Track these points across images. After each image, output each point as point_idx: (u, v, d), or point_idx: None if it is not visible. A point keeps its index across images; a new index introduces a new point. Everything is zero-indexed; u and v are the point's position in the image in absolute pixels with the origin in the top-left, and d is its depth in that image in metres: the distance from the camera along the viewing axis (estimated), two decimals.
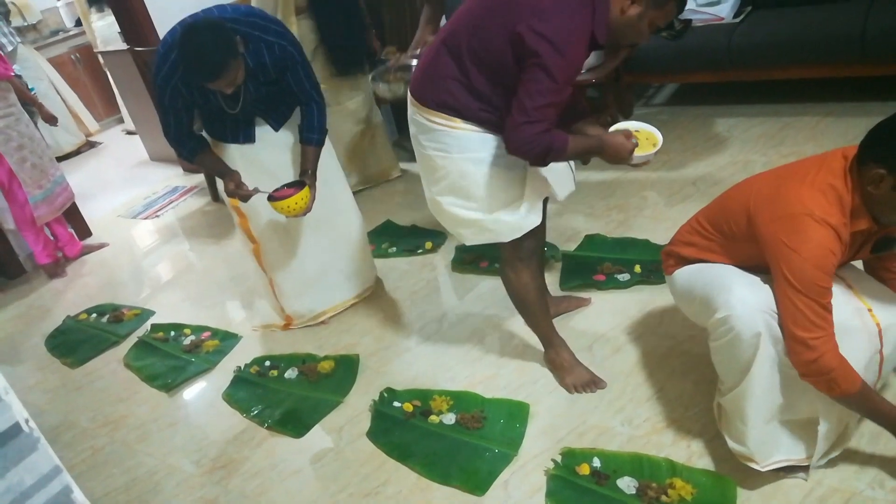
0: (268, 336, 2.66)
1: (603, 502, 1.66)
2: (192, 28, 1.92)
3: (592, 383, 2.03)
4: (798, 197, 1.38)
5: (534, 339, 2.26)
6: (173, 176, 4.80)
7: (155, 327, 2.89)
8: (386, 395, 2.17)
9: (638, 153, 1.76)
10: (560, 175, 1.93)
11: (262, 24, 2.08)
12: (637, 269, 2.48)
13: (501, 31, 1.60)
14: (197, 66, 1.93)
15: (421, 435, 2.00)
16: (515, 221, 1.84)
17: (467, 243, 1.97)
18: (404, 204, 3.47)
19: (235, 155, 2.31)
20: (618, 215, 2.91)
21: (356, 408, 2.18)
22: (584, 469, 1.75)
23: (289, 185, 2.22)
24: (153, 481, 2.10)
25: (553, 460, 1.80)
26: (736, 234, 1.54)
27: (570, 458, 1.80)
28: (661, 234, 2.66)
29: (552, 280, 2.56)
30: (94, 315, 3.12)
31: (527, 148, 1.63)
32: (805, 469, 1.61)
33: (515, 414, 1.99)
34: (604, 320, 2.30)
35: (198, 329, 2.79)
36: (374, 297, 2.74)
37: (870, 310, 1.49)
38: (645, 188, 3.06)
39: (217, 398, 2.38)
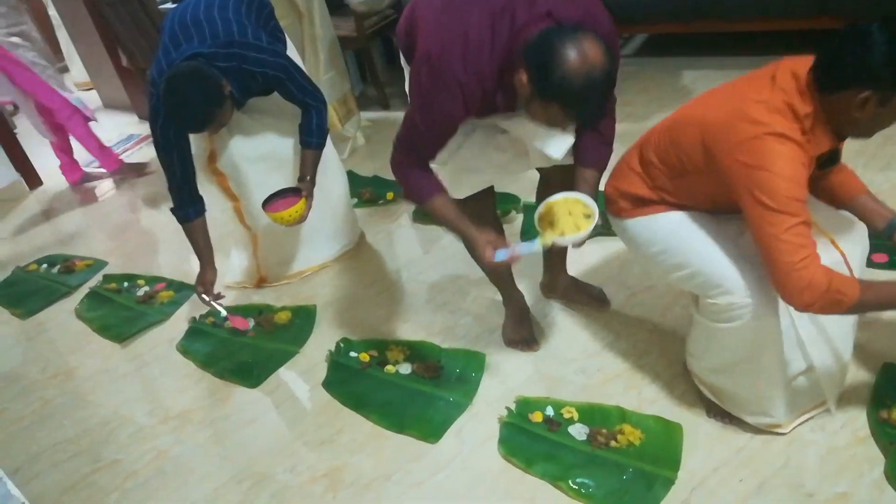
0: (224, 288, 2.60)
1: (553, 448, 1.68)
2: (175, 81, 1.85)
3: (526, 343, 2.01)
4: (755, 119, 1.29)
5: (493, 289, 2.26)
6: (128, 123, 4.63)
7: (107, 278, 2.81)
8: (342, 345, 2.15)
9: (554, 238, 1.53)
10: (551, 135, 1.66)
11: (241, 54, 1.99)
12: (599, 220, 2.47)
13: None
14: (184, 120, 1.92)
15: (377, 385, 1.99)
16: (466, 181, 1.78)
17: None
18: (365, 153, 3.40)
19: None
20: None
21: (312, 358, 2.16)
22: (537, 416, 1.76)
23: (285, 191, 2.14)
24: (105, 432, 2.07)
25: (507, 408, 1.81)
26: (690, 170, 1.44)
27: (524, 406, 1.81)
28: None
29: (515, 232, 2.55)
30: (45, 266, 3.03)
31: (398, 178, 1.63)
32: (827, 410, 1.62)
33: (471, 363, 2.00)
34: None
35: (152, 280, 2.72)
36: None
37: (832, 240, 1.46)
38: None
39: (171, 349, 2.34)
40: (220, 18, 2.02)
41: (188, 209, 2.14)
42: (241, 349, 2.25)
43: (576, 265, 2.28)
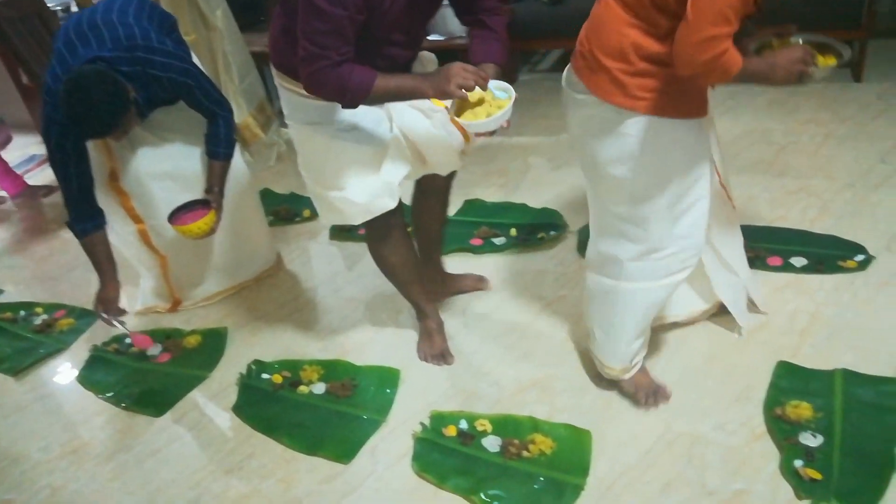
0: (131, 313, 2.49)
1: (467, 462, 1.67)
2: (76, 83, 1.74)
3: (441, 357, 2.00)
4: None
5: (406, 305, 2.24)
6: (30, 143, 4.40)
7: (2, 307, 2.64)
8: (254, 367, 2.09)
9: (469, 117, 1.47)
10: (436, 146, 1.69)
11: (146, 59, 1.89)
12: (513, 232, 2.50)
13: None
14: (87, 123, 1.79)
15: (289, 406, 1.94)
16: (365, 202, 1.68)
17: (323, 221, 1.84)
18: (280, 171, 3.34)
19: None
20: (498, 179, 2.93)
21: (222, 382, 2.08)
22: (451, 431, 1.75)
23: (192, 204, 2.06)
24: None
25: (421, 424, 1.79)
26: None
27: (438, 420, 1.79)
28: (539, 198, 2.70)
29: None
30: None
31: (315, 86, 1.43)
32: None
33: (386, 380, 1.97)
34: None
35: (51, 307, 2.57)
36: None
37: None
38: (527, 153, 3.08)
39: (71, 380, 2.21)
40: (121, 23, 1.92)
41: (86, 223, 2.02)
42: (147, 376, 2.14)
43: (492, 278, 2.30)
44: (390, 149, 1.67)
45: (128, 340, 2.15)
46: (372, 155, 1.66)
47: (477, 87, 1.44)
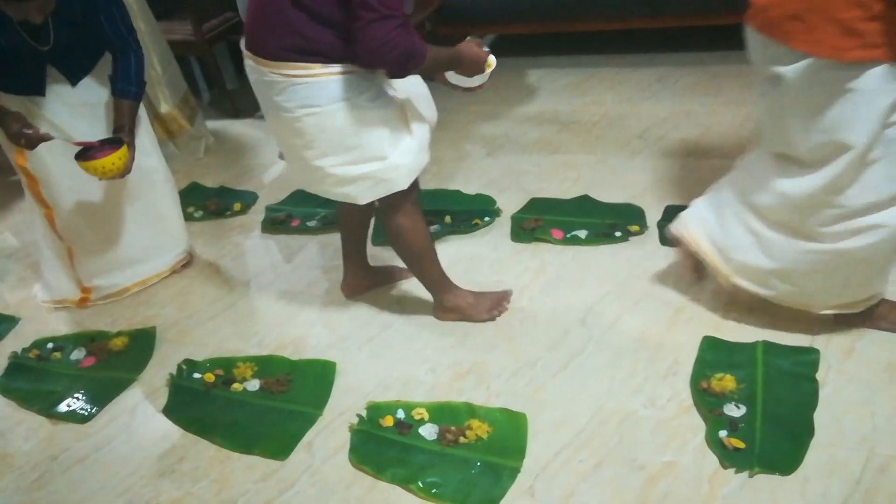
0: (53, 316, 2.38)
1: (404, 451, 1.67)
2: None
3: (503, 299, 2.03)
4: None
5: (342, 297, 2.22)
6: None
7: None
8: (185, 367, 2.03)
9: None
10: (426, 100, 1.77)
11: None
12: (447, 219, 2.50)
13: None
14: None
15: (222, 405, 1.89)
16: (411, 163, 1.72)
17: (361, 202, 1.77)
18: (209, 164, 3.24)
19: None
20: (432, 167, 2.88)
21: (152, 384, 2.02)
22: (388, 421, 1.74)
23: (102, 143, 1.91)
24: None
25: (358, 415, 1.78)
26: None
27: (375, 411, 1.79)
28: (473, 185, 2.70)
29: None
30: None
31: (382, 49, 1.44)
32: None
33: (322, 373, 1.95)
34: None
35: None
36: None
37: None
38: (462, 140, 3.08)
39: None
40: None
41: None
42: (72, 382, 2.06)
43: None
44: (408, 109, 1.71)
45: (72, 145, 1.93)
46: (399, 117, 1.70)
47: None
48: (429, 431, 1.71)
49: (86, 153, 1.88)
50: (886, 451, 1.49)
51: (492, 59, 1.74)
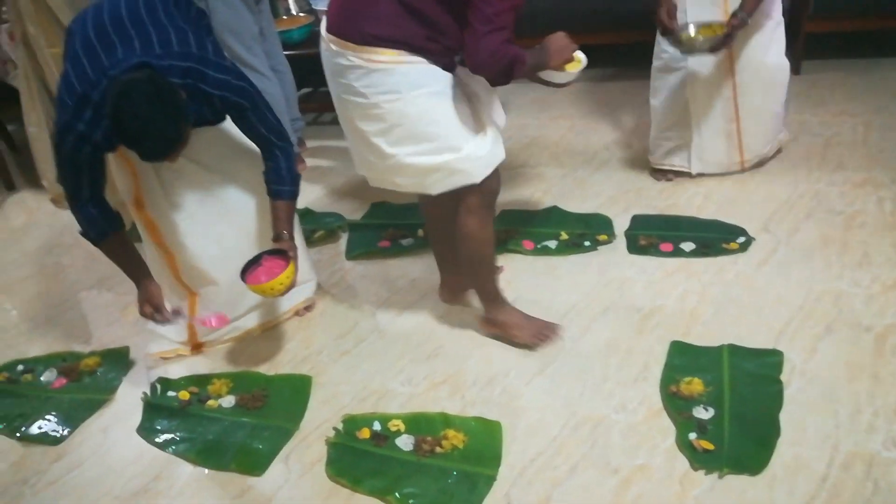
0: (22, 338, 2.35)
1: (381, 463, 1.67)
2: (129, 94, 1.48)
3: (551, 330, 1.94)
4: None
5: (317, 311, 2.23)
6: None
7: None
8: (159, 385, 2.02)
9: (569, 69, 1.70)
10: (494, 105, 1.79)
11: (200, 72, 1.63)
12: (420, 233, 2.52)
13: None
14: (143, 145, 1.54)
15: (198, 423, 1.88)
16: (486, 155, 1.70)
17: (433, 192, 1.73)
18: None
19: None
20: None
21: (125, 404, 2.00)
22: (365, 433, 1.75)
23: (267, 255, 1.83)
24: None
25: (334, 429, 1.79)
26: None
27: (351, 424, 1.79)
28: None
29: (339, 250, 2.53)
30: None
31: (492, 60, 1.52)
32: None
33: (298, 388, 1.95)
34: (388, 284, 2.31)
35: None
36: None
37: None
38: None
39: None
40: (162, 25, 1.66)
41: (101, 226, 1.76)
42: (43, 404, 2.03)
43: (402, 279, 2.32)
44: (481, 105, 1.74)
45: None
46: (473, 111, 1.71)
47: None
48: (405, 442, 1.72)
49: (249, 270, 1.82)
50: (850, 447, 1.54)
51: (579, 56, 1.73)
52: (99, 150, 1.64)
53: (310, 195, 2.89)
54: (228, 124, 1.82)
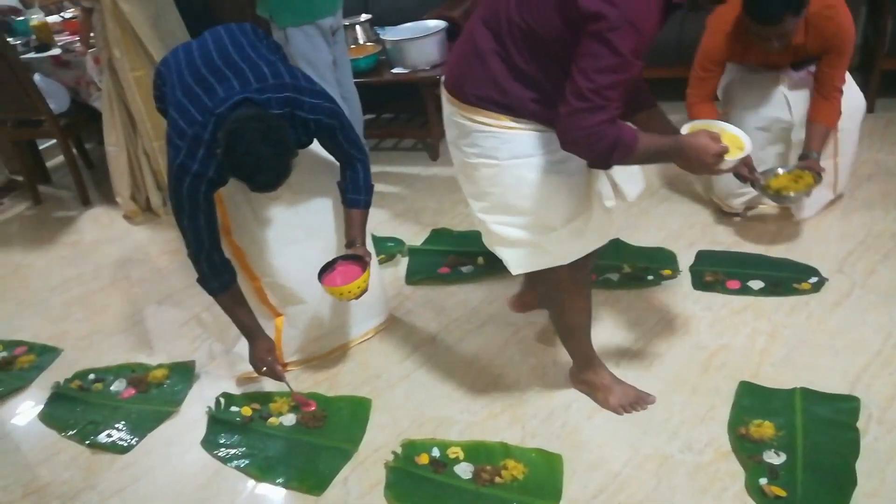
0: (93, 349, 2.44)
1: (440, 489, 1.67)
2: (240, 132, 1.55)
3: (641, 400, 1.81)
4: None
5: (377, 337, 2.25)
6: None
7: None
8: (223, 400, 2.06)
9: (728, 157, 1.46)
10: (628, 170, 1.54)
11: (296, 100, 1.70)
12: (480, 260, 2.53)
13: None
14: (256, 179, 1.60)
15: (259, 439, 1.92)
16: (579, 241, 1.54)
17: (513, 271, 1.63)
18: None
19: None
20: (464, 209, 2.94)
21: (190, 416, 2.05)
22: (424, 459, 1.75)
23: (341, 260, 1.88)
24: None
25: (393, 452, 1.79)
26: None
27: (410, 449, 1.80)
28: None
29: (399, 275, 2.56)
30: None
31: (586, 142, 1.31)
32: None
33: (357, 410, 1.97)
34: (448, 311, 2.32)
35: (10, 344, 2.51)
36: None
37: None
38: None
39: (32, 418, 2.15)
40: (252, 60, 1.73)
41: (221, 276, 1.82)
42: (113, 413, 2.10)
43: (461, 307, 2.32)
44: (597, 181, 1.52)
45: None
46: (585, 187, 1.52)
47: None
48: (464, 470, 1.71)
49: (325, 272, 1.86)
50: None
51: (746, 142, 1.53)
52: (213, 186, 1.71)
53: (371, 219, 2.90)
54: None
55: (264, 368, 1.92)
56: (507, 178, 1.48)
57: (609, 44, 1.22)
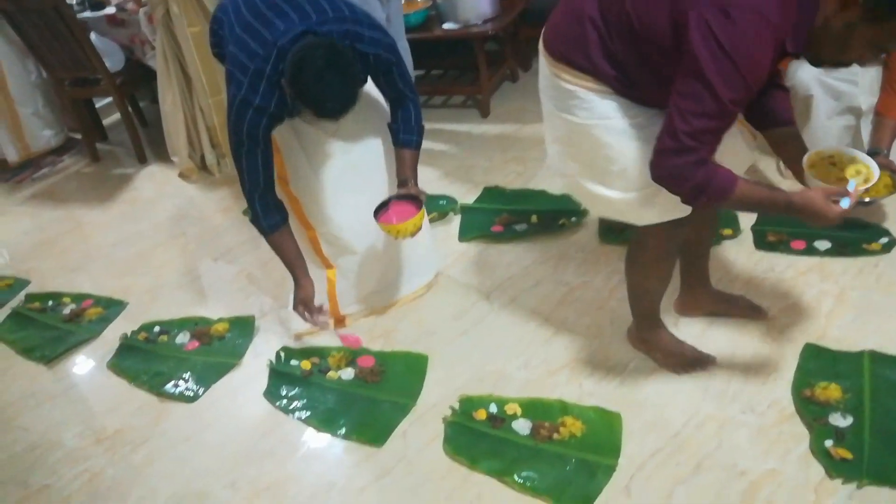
0: (157, 302, 2.53)
1: (498, 444, 1.69)
2: (307, 60, 1.56)
3: (701, 362, 1.78)
4: None
5: (430, 292, 2.26)
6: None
7: (30, 297, 2.68)
8: (283, 354, 2.11)
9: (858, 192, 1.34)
10: (732, 139, 1.50)
11: (357, 32, 1.71)
12: (534, 219, 2.51)
13: (666, 6, 1.24)
14: (325, 105, 1.62)
15: (319, 391, 1.97)
16: (663, 203, 1.45)
17: (595, 214, 1.67)
18: None
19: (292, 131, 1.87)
20: (516, 167, 2.93)
21: (252, 369, 2.11)
22: (481, 414, 1.77)
23: (395, 199, 1.86)
24: (31, 458, 1.96)
25: (451, 408, 1.82)
26: None
27: (468, 404, 1.82)
28: (558, 185, 2.70)
29: (451, 233, 2.56)
30: None
31: (672, 181, 1.31)
32: None
33: (414, 365, 1.99)
34: (501, 269, 2.32)
35: (78, 297, 2.61)
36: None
37: None
38: (544, 142, 3.08)
39: (102, 368, 2.25)
40: None
41: (274, 216, 1.83)
42: (178, 364, 2.18)
43: (514, 266, 2.32)
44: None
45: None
46: None
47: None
48: (522, 426, 1.73)
49: (381, 211, 1.85)
50: None
51: (874, 170, 1.39)
52: (274, 120, 1.72)
53: (422, 177, 2.87)
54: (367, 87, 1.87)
55: (303, 311, 1.92)
56: (584, 136, 1.48)
57: (711, 87, 1.19)
